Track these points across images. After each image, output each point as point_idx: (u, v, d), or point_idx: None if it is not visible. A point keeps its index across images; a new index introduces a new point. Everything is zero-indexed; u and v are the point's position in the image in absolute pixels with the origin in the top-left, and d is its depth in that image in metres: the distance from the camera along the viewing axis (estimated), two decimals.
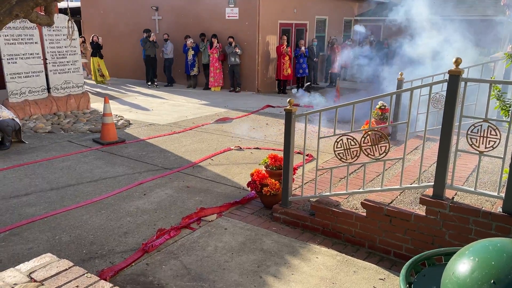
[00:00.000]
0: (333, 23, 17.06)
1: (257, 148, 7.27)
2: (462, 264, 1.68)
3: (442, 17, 11.13)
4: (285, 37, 13.73)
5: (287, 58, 13.70)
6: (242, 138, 7.98)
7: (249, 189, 4.91)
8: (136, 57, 15.54)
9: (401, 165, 3.81)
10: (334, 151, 3.99)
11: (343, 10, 17.61)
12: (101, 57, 14.96)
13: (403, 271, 1.98)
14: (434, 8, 10.71)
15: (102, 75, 15.20)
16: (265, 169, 4.87)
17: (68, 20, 2.39)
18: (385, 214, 3.77)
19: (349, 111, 3.96)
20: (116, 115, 9.42)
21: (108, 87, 14.59)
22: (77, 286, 2.48)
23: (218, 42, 13.65)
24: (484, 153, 3.28)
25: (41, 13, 2.17)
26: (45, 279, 2.56)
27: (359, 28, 15.25)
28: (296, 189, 4.92)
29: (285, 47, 13.57)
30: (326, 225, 4.15)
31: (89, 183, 5.48)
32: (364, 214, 3.93)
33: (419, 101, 5.97)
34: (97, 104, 10.60)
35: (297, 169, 5.64)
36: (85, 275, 2.61)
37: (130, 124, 8.97)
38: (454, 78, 3.25)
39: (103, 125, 7.43)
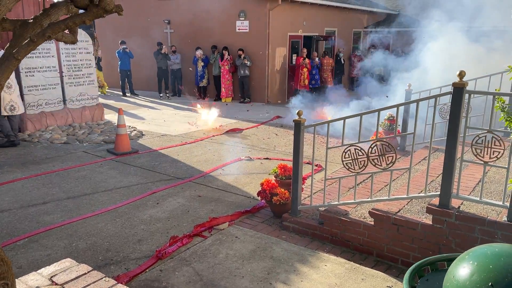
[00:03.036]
0: (342, 35, 17.24)
1: (267, 158, 7.39)
2: (462, 268, 1.77)
3: (454, 27, 11.19)
4: (305, 50, 14.23)
5: (305, 69, 14.03)
6: (252, 148, 8.11)
7: (259, 198, 5.02)
8: (148, 69, 15.85)
9: (408, 175, 3.89)
10: (342, 161, 4.09)
11: (352, 22, 17.80)
12: (99, 69, 15.54)
13: (406, 275, 2.07)
14: (446, 18, 10.79)
15: (101, 86, 15.69)
16: (274, 178, 4.98)
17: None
18: (392, 223, 3.85)
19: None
20: (130, 126, 9.63)
21: (122, 98, 14.88)
22: None
23: (228, 55, 13.90)
24: (489, 163, 3.36)
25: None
26: (66, 283, 2.70)
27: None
28: (305, 198, 5.02)
29: (303, 59, 13.94)
30: (334, 234, 4.24)
31: (104, 192, 5.64)
32: (372, 223, 4.01)
33: (427, 112, 6.06)
34: (110, 116, 10.85)
35: (306, 179, 5.73)
36: (103, 279, 2.75)
37: (143, 135, 9.17)
38: (458, 91, 3.35)
39: (117, 136, 7.63)
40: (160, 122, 10.75)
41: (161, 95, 15.14)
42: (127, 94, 15.61)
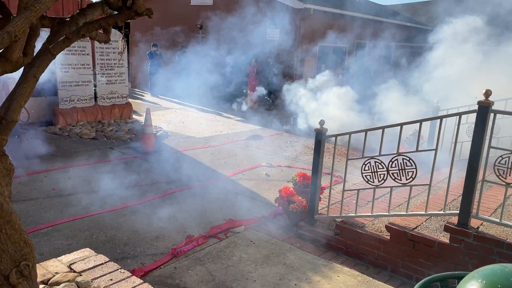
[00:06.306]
0: (373, 48, 17.11)
1: (288, 166, 7.41)
2: (471, 286, 1.76)
3: (484, 45, 10.94)
4: (339, 61, 14.31)
5: None
6: (274, 155, 8.15)
7: (276, 204, 5.05)
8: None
9: (431, 192, 3.85)
10: (362, 173, 4.09)
11: (384, 36, 17.63)
12: None
13: None
14: (478, 36, 10.57)
15: None
16: (293, 186, 5.01)
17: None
18: (409, 238, 3.81)
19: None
20: (156, 126, 9.84)
21: (149, 99, 15.21)
22: (111, 279, 2.71)
23: (256, 62, 14.04)
24: (511, 185, 3.29)
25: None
26: (83, 271, 2.81)
27: None
28: (322, 208, 5.01)
29: (335, 70, 14.15)
30: (349, 246, 4.22)
31: (126, 188, 5.79)
32: (388, 237, 3.98)
33: (455, 130, 5.94)
34: (135, 115, 11.12)
35: (325, 189, 5.73)
36: (119, 270, 2.84)
37: (168, 135, 9.36)
38: (483, 109, 3.31)
39: (143, 135, 7.82)
40: (185, 124, 10.94)
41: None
42: (159, 96, 15.90)
